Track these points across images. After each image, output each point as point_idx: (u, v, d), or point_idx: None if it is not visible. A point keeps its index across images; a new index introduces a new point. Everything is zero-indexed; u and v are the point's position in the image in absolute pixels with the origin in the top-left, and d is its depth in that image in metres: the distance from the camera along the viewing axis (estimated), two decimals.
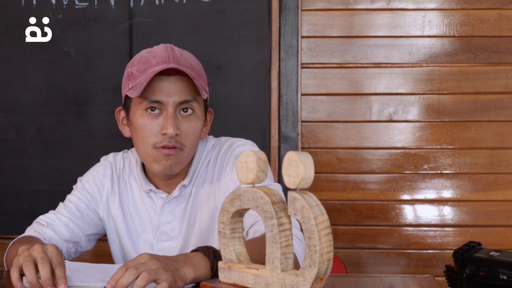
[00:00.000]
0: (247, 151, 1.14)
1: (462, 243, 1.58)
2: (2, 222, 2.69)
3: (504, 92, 2.62)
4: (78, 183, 1.73)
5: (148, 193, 1.68)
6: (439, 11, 2.63)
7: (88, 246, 1.72)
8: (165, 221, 1.66)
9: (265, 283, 1.14)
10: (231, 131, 2.45)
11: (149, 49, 1.60)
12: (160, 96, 1.54)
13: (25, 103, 2.67)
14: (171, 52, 1.56)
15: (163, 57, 1.55)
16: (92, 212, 1.70)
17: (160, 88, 1.54)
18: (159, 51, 1.57)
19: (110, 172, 1.72)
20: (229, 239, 1.20)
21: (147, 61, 1.56)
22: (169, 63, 1.54)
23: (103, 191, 1.71)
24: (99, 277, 1.37)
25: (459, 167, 2.64)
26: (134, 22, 2.64)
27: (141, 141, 1.58)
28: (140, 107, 1.56)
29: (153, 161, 1.57)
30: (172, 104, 1.55)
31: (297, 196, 1.07)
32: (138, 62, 1.58)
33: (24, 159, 2.68)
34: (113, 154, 1.76)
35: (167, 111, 1.55)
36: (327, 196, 2.65)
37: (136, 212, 1.70)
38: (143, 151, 1.59)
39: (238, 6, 2.61)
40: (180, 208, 1.66)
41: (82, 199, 1.70)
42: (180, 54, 1.58)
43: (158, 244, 1.67)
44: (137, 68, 1.56)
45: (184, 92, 1.56)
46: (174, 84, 1.55)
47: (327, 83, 2.66)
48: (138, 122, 1.57)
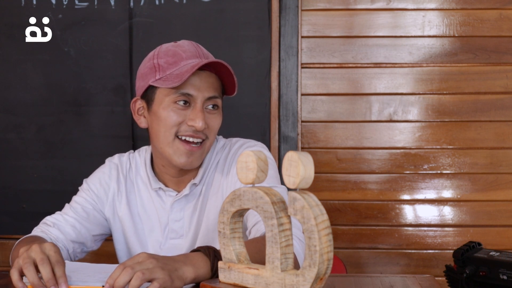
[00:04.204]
0: (247, 151, 1.14)
1: (462, 243, 1.58)
2: (2, 222, 2.69)
3: (504, 92, 2.62)
4: (84, 184, 1.73)
5: (157, 192, 1.68)
6: (439, 11, 2.63)
7: (94, 246, 1.73)
8: (174, 219, 1.67)
9: (265, 283, 1.14)
10: (231, 131, 2.44)
11: (173, 43, 1.62)
12: (191, 89, 1.57)
13: (25, 103, 2.67)
14: (198, 48, 1.61)
15: (193, 51, 1.58)
16: (98, 213, 1.70)
17: (192, 82, 1.56)
18: (187, 46, 1.60)
19: (116, 172, 1.72)
20: (229, 239, 1.20)
21: (176, 53, 1.58)
22: (201, 58, 1.58)
23: (109, 192, 1.71)
24: (99, 277, 1.37)
25: (459, 167, 2.64)
26: (134, 22, 2.64)
27: (162, 131, 1.58)
28: (168, 99, 1.57)
29: (174, 153, 1.59)
30: (202, 98, 1.57)
31: (297, 196, 1.07)
32: (165, 54, 1.59)
33: (24, 159, 2.68)
34: (118, 155, 1.76)
35: (196, 105, 1.57)
36: (327, 196, 2.65)
37: (144, 212, 1.70)
38: (164, 141, 1.59)
39: (238, 6, 2.61)
40: (190, 206, 1.67)
41: (88, 200, 1.70)
42: (206, 51, 1.63)
43: (166, 242, 1.68)
44: (165, 60, 1.58)
45: (213, 88, 1.59)
46: (205, 79, 1.58)
47: (327, 83, 2.66)
48: (164, 113, 1.58)
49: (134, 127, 2.63)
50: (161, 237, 1.68)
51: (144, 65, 1.62)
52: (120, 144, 2.62)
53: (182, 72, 1.54)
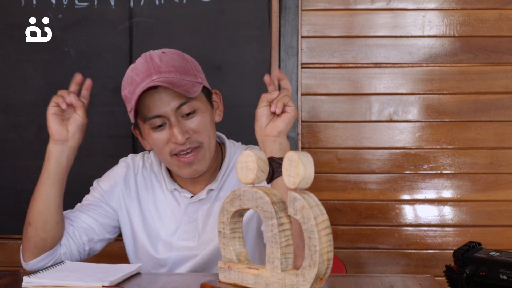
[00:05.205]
0: (247, 151, 1.15)
1: (462, 243, 1.58)
2: (2, 222, 2.69)
3: (504, 92, 2.62)
4: (94, 184, 1.78)
5: (172, 192, 1.71)
6: (439, 11, 2.63)
7: (107, 234, 1.73)
8: (187, 221, 1.69)
9: (265, 283, 1.14)
10: (231, 131, 2.44)
11: (132, 66, 1.64)
12: (155, 110, 1.58)
13: (25, 103, 2.67)
14: (150, 63, 1.59)
15: (144, 71, 1.58)
16: (106, 205, 1.74)
17: (153, 103, 1.57)
18: (140, 66, 1.61)
19: (126, 170, 1.75)
20: (229, 239, 1.20)
21: (133, 81, 1.60)
22: (151, 76, 1.57)
23: (116, 186, 1.74)
24: (99, 277, 1.37)
25: (459, 167, 2.64)
26: (134, 22, 2.64)
27: (159, 153, 1.64)
28: (146, 127, 1.61)
29: (178, 169, 1.63)
30: (171, 112, 1.58)
31: (297, 196, 1.07)
32: (126, 83, 1.63)
33: (24, 159, 2.68)
34: (132, 155, 1.80)
35: (169, 121, 1.58)
36: (327, 196, 2.65)
37: (156, 209, 1.72)
38: (164, 161, 1.66)
39: (238, 6, 2.61)
40: (204, 209, 1.68)
41: (97, 196, 1.75)
42: (160, 60, 1.60)
43: (178, 242, 1.70)
44: (128, 90, 1.61)
45: (177, 97, 1.58)
46: (164, 93, 1.57)
47: (327, 83, 2.66)
48: (150, 139, 1.62)
49: None
50: (173, 237, 1.70)
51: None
52: (120, 144, 2.61)
53: (135, 100, 1.56)
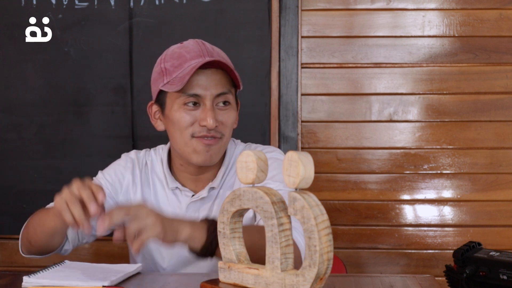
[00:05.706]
0: (247, 151, 1.15)
1: (462, 243, 1.58)
2: (2, 222, 2.69)
3: (504, 92, 2.62)
4: (99, 174, 1.76)
5: (174, 191, 1.71)
6: (439, 11, 2.63)
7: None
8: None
9: (265, 283, 1.14)
10: None
11: (179, 44, 1.64)
12: (198, 89, 1.58)
13: (25, 103, 2.67)
14: (203, 46, 1.61)
15: (197, 51, 1.59)
16: (111, 199, 1.72)
17: (198, 82, 1.58)
18: (191, 46, 1.61)
19: (131, 165, 1.74)
20: (229, 239, 1.20)
21: (181, 55, 1.60)
22: (204, 56, 1.58)
23: (124, 181, 1.73)
24: (99, 277, 1.37)
25: (459, 167, 2.64)
26: (134, 22, 2.64)
27: (178, 133, 1.61)
28: (178, 102, 1.60)
29: (192, 152, 1.61)
30: (210, 97, 1.59)
31: (297, 196, 1.07)
32: (171, 57, 1.61)
33: (24, 159, 2.68)
34: (135, 151, 1.78)
35: (205, 104, 1.59)
36: (327, 196, 2.65)
37: (157, 208, 1.71)
38: (181, 142, 1.62)
39: (238, 6, 2.61)
40: (205, 208, 1.69)
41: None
42: (212, 48, 1.63)
43: None
44: (171, 63, 1.60)
45: (220, 85, 1.60)
46: (211, 77, 1.59)
47: (327, 83, 2.66)
48: (176, 116, 1.60)
49: (134, 127, 2.63)
50: None
51: (154, 69, 1.65)
52: (120, 144, 2.61)
53: (184, 74, 1.56)
